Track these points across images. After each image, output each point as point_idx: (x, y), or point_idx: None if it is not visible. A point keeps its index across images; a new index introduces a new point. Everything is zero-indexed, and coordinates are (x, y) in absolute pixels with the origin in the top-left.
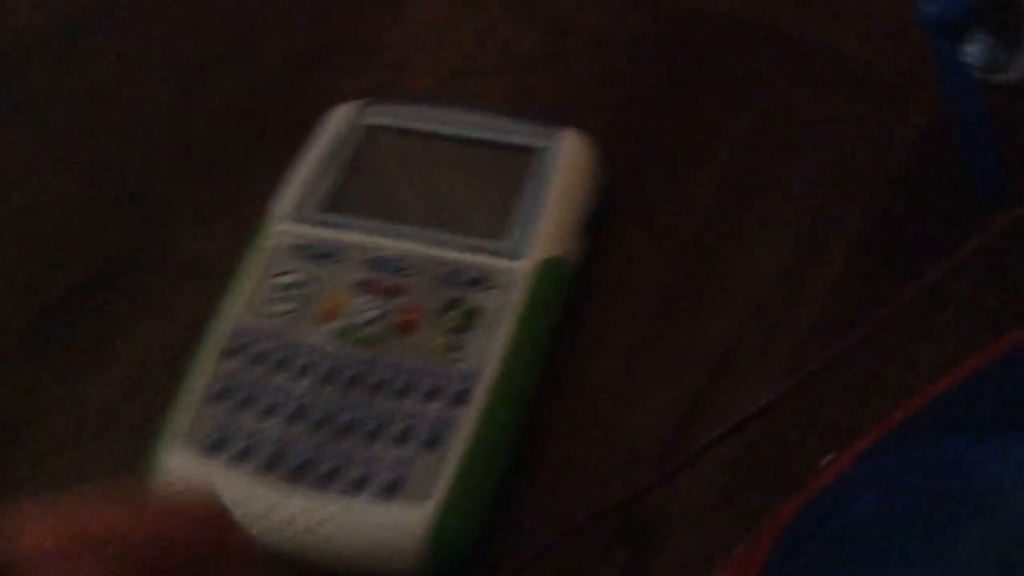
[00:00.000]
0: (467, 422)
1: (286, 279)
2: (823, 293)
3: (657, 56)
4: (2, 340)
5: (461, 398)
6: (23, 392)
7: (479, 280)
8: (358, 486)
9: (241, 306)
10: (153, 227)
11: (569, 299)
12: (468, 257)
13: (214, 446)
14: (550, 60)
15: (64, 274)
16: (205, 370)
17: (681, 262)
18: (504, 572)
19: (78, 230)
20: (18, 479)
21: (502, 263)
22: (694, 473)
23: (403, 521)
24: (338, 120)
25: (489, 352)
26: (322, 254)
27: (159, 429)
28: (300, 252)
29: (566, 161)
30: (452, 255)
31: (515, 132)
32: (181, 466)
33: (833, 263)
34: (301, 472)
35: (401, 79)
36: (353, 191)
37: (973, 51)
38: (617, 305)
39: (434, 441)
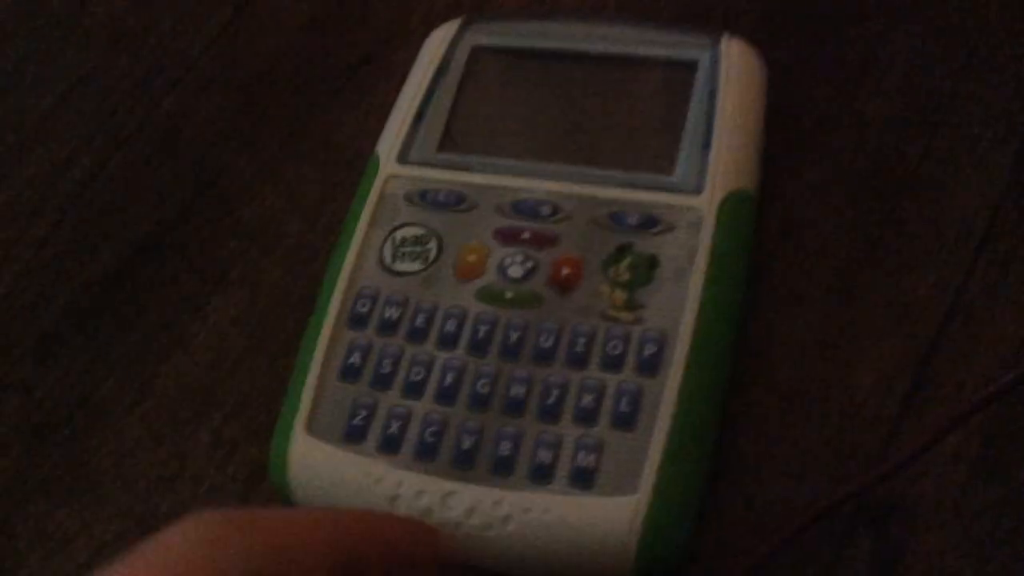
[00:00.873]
0: (664, 394)
1: (410, 231)
2: None
3: None
4: (60, 323)
5: (650, 366)
6: (85, 381)
7: (652, 222)
8: (542, 475)
9: (359, 266)
10: (211, 187)
11: (755, 241)
12: (633, 194)
13: (350, 434)
14: None
15: (114, 247)
16: (326, 343)
17: (872, 194)
18: (737, 571)
19: (132, 196)
20: (91, 476)
21: (679, 200)
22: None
23: (606, 517)
24: (438, 44)
25: (679, 308)
26: (448, 200)
27: (277, 418)
28: (421, 199)
29: (736, 75)
30: (612, 193)
31: (664, 44)
32: (310, 460)
33: None
34: (467, 461)
35: (488, 1)
36: (472, 125)
37: None
38: (805, 247)
39: (625, 419)
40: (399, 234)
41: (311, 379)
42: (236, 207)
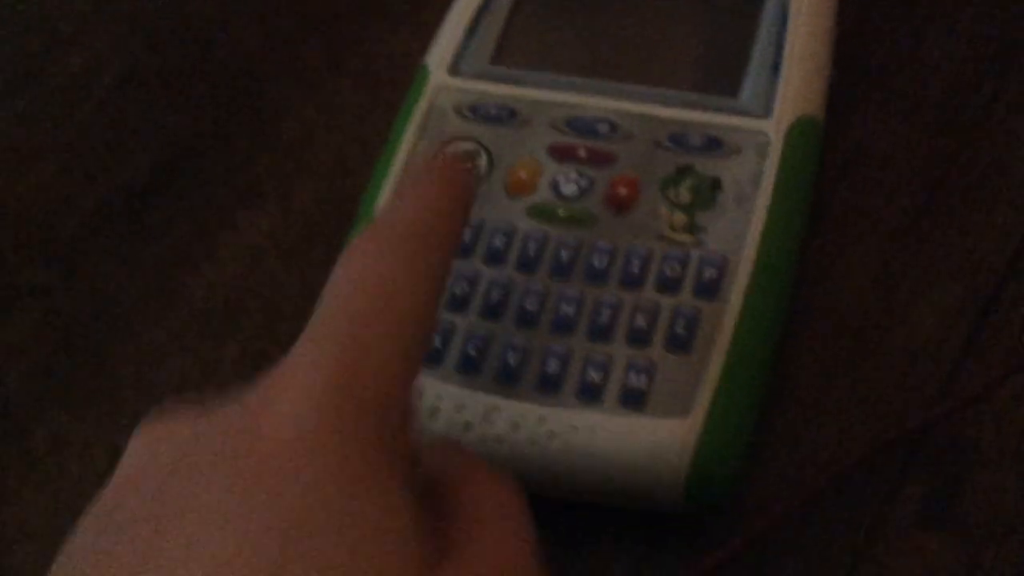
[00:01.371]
0: (723, 319)
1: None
2: None
3: None
4: (88, 228)
5: (709, 290)
6: (110, 288)
7: (715, 144)
8: (591, 394)
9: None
10: (247, 98)
11: (820, 172)
12: (697, 115)
13: None
14: None
15: (145, 155)
16: None
17: (939, 134)
18: (781, 511)
19: (165, 103)
20: (111, 384)
21: (745, 123)
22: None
23: (656, 439)
24: None
25: (741, 233)
26: (500, 114)
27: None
28: (472, 112)
29: (809, 1)
30: (674, 113)
31: None
32: None
33: None
34: (511, 377)
35: None
36: (527, 39)
37: None
38: (869, 183)
39: (680, 342)
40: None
41: None
42: (272, 120)
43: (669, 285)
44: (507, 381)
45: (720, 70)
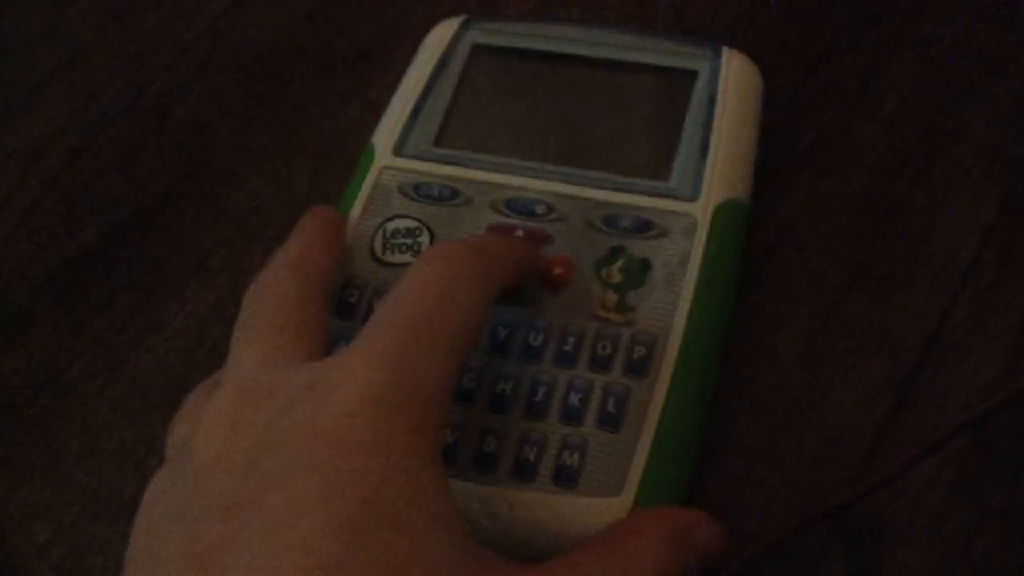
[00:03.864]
0: (651, 397)
1: (402, 223)
2: None
3: None
4: (36, 298)
5: (638, 368)
6: (56, 360)
7: (646, 226)
8: (526, 472)
9: (349, 256)
10: (199, 171)
11: (746, 252)
12: (628, 198)
13: None
14: None
15: (96, 225)
16: None
17: (861, 217)
18: None
19: (118, 175)
20: (56, 457)
21: (674, 206)
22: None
23: (589, 517)
24: (439, 40)
25: (670, 312)
26: (442, 194)
27: None
28: (416, 192)
29: (735, 87)
30: (607, 195)
31: (665, 52)
32: None
33: None
34: (449, 456)
35: (489, 7)
36: (469, 122)
37: None
38: (793, 264)
39: (611, 420)
40: (391, 225)
41: None
42: (223, 193)
43: (601, 363)
44: (445, 460)
45: (651, 154)
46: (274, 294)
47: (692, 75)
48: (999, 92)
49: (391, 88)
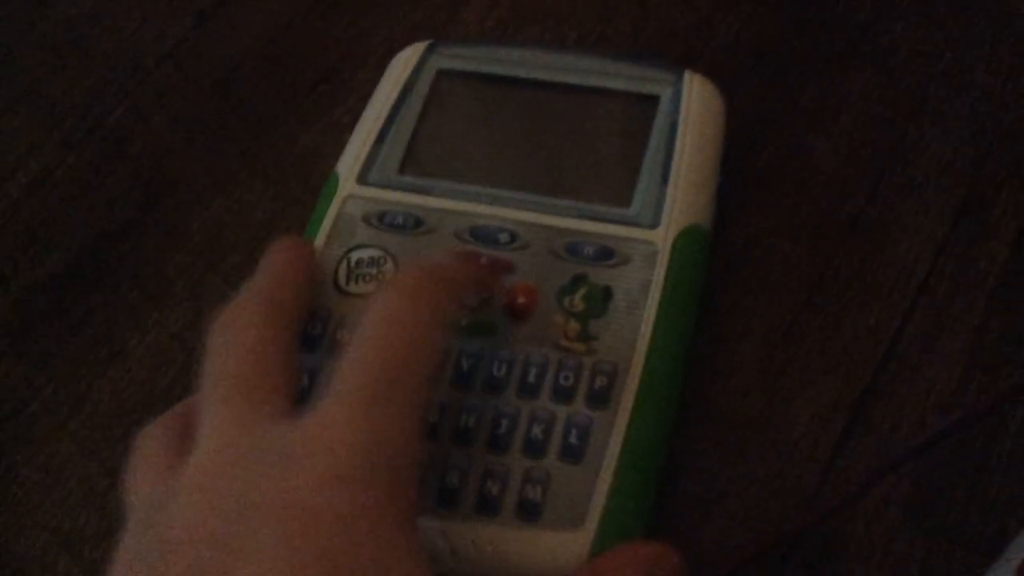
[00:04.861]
0: (613, 428)
1: (366, 253)
2: (994, 269)
3: None
4: None
5: (600, 398)
6: (18, 392)
7: (607, 253)
8: (489, 507)
9: (314, 285)
10: (160, 198)
11: (707, 275)
12: (590, 225)
13: None
14: None
15: (57, 256)
16: None
17: (816, 235)
18: None
19: (78, 204)
20: (17, 490)
21: (635, 233)
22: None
23: (552, 551)
24: (403, 66)
25: (631, 341)
26: (406, 223)
27: None
28: (380, 221)
29: (697, 112)
30: (569, 223)
31: (627, 77)
32: None
33: (1000, 233)
34: None
35: (450, 26)
36: (434, 149)
37: None
38: (749, 283)
39: (574, 452)
40: (355, 255)
41: None
42: (184, 220)
43: (563, 394)
44: None
45: (613, 181)
46: (244, 339)
47: (654, 100)
48: (952, 106)
49: (352, 111)
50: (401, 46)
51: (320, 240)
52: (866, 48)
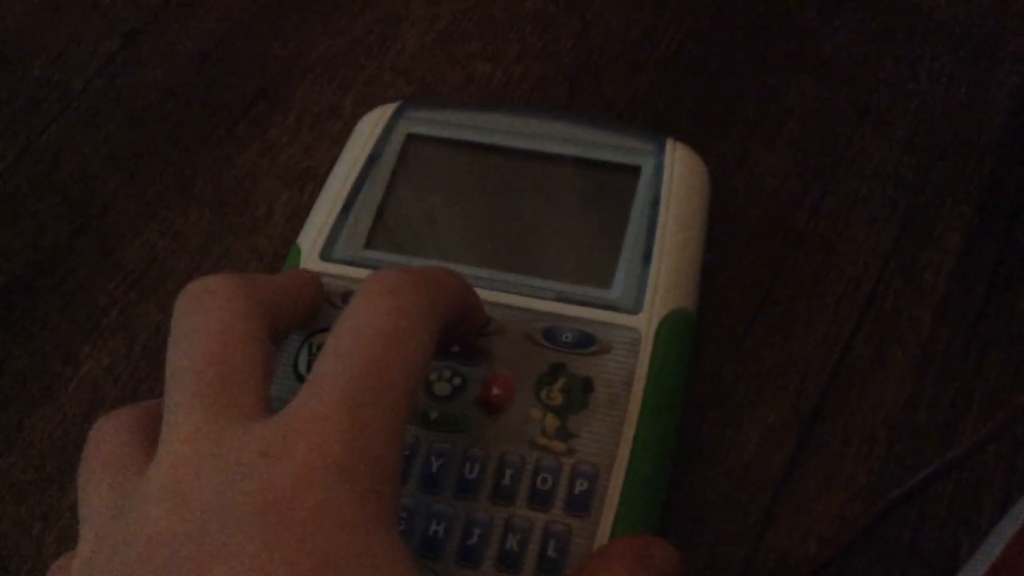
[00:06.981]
0: (595, 538)
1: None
2: (940, 279)
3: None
4: None
5: (580, 504)
6: None
7: (588, 340)
8: None
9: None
10: (90, 225)
11: (695, 360)
12: (569, 309)
13: None
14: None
15: None
16: None
17: (762, 249)
18: None
19: (4, 232)
20: None
21: (616, 318)
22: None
23: None
24: (371, 129)
25: (613, 440)
26: None
27: None
28: (343, 302)
29: (679, 184)
30: (547, 306)
31: (606, 146)
32: None
33: (946, 243)
34: None
35: (390, 41)
36: (402, 223)
37: None
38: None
39: (552, 566)
40: (317, 340)
41: None
42: (116, 247)
43: (541, 499)
44: None
45: (592, 260)
46: (213, 324)
47: (635, 171)
48: (896, 115)
49: (290, 130)
50: (340, 59)
51: None
52: (808, 57)
